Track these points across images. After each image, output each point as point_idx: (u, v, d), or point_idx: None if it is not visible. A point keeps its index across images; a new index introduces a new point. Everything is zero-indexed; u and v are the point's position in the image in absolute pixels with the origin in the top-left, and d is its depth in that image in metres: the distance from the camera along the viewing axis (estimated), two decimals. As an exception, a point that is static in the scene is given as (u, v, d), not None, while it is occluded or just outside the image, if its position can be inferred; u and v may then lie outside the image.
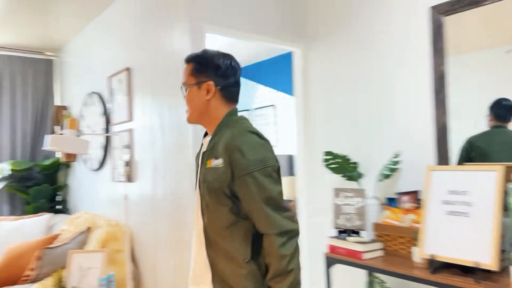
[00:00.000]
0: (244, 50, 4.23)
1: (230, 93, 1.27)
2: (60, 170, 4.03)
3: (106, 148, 3.16)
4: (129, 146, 2.79)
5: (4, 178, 3.83)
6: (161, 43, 2.46)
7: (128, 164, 2.78)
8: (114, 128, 3.04)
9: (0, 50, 3.95)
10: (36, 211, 3.67)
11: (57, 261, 2.52)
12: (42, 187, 3.74)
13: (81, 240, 2.71)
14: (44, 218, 3.49)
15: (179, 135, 2.29)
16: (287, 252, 1.12)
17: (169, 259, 2.38)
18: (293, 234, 1.15)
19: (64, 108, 3.92)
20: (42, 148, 2.32)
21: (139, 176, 2.70)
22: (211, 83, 1.23)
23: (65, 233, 2.96)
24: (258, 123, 4.73)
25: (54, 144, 2.11)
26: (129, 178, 2.77)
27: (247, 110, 4.90)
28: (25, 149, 4.04)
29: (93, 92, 3.35)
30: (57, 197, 4.04)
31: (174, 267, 2.33)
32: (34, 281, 2.43)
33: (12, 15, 3.25)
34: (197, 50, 2.19)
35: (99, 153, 3.23)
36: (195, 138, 2.19)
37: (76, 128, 2.25)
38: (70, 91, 4.01)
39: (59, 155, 4.19)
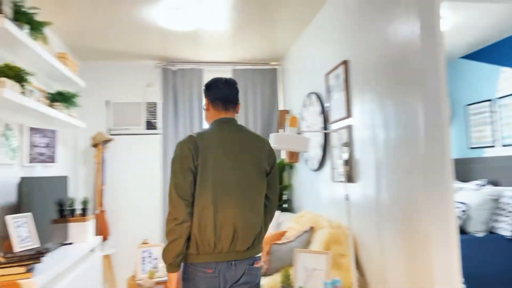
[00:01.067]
0: (481, 27, 3.45)
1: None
2: (285, 170, 4.27)
3: (325, 147, 3.11)
4: (348, 144, 2.63)
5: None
6: (381, 31, 2.20)
7: (347, 163, 2.62)
8: (332, 127, 2.94)
9: (237, 65, 4.54)
10: (267, 208, 3.98)
11: (284, 258, 2.58)
12: (271, 186, 4.03)
13: (305, 239, 2.71)
14: (274, 215, 3.74)
15: (407, 130, 1.96)
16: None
17: (402, 272, 2.06)
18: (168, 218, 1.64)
19: (287, 112, 4.14)
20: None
21: (360, 176, 2.49)
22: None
23: (291, 231, 3.04)
24: (504, 115, 3.77)
25: (277, 142, 2.15)
26: (349, 178, 2.60)
27: (488, 100, 3.98)
28: (256, 152, 4.48)
29: (311, 93, 3.37)
30: (283, 196, 4.29)
31: (410, 283, 2.00)
32: (265, 274, 2.55)
33: (243, 34, 3.65)
34: (429, 34, 1.82)
35: (318, 153, 3.20)
36: (426, 133, 1.82)
37: (296, 125, 2.23)
38: (291, 95, 4.22)
39: (283, 156, 4.47)
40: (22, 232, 2.25)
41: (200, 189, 1.64)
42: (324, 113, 3.11)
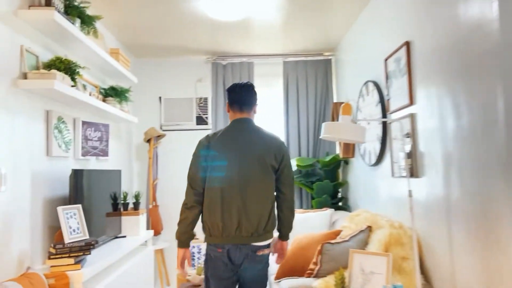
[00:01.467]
0: None
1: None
2: (339, 166, 4.03)
3: (384, 139, 2.84)
4: (410, 135, 2.36)
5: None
6: (450, 7, 1.92)
7: (410, 156, 2.35)
8: (392, 117, 2.67)
9: (288, 57, 4.37)
10: (320, 205, 3.77)
11: (338, 258, 2.37)
12: (324, 183, 3.82)
13: (362, 239, 2.48)
14: (327, 213, 3.52)
15: (483, 117, 1.68)
16: None
17: (475, 280, 1.78)
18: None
19: (341, 104, 3.89)
20: (320, 137, 2.23)
21: (425, 170, 2.22)
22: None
23: (346, 230, 2.82)
24: None
25: (329, 131, 1.96)
26: (413, 173, 2.33)
27: None
28: (308, 147, 4.28)
29: (368, 81, 3.11)
30: (338, 193, 4.05)
31: (482, 292, 1.71)
32: (316, 276, 2.37)
33: (294, 23, 3.47)
34: (509, 9, 1.53)
35: (376, 146, 2.94)
36: (507, 120, 1.53)
37: (350, 113, 2.02)
38: (345, 86, 3.97)
39: (338, 151, 4.22)
40: (73, 223, 2.27)
41: (210, 181, 1.96)
42: (383, 102, 2.84)
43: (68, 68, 2.35)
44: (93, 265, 2.24)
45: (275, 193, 2.05)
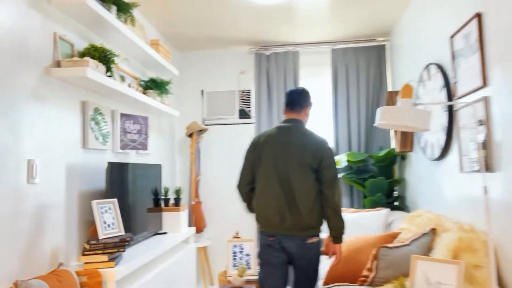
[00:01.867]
0: None
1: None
2: (395, 162, 3.67)
3: (450, 129, 2.47)
4: (484, 122, 2.00)
5: (342, 170, 3.87)
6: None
7: (484, 147, 1.99)
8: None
9: (337, 44, 4.06)
10: (373, 205, 3.44)
11: (397, 265, 2.07)
12: (378, 180, 3.49)
13: (425, 243, 2.15)
14: (382, 213, 3.20)
15: None
16: None
17: None
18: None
19: (396, 93, 3.53)
20: (374, 124, 1.95)
21: (503, 164, 1.86)
22: None
23: (405, 233, 2.50)
24: None
25: (387, 117, 1.67)
26: (487, 167, 1.97)
27: None
28: (360, 141, 3.95)
29: (430, 64, 2.75)
30: (394, 192, 3.70)
31: None
32: (371, 284, 2.08)
33: (344, 5, 3.18)
34: None
35: (440, 137, 2.58)
36: None
37: (411, 96, 1.72)
38: (401, 74, 3.59)
39: (393, 145, 3.85)
40: (108, 218, 2.16)
41: (257, 176, 2.19)
42: (448, 87, 2.48)
43: (103, 57, 2.25)
44: (128, 263, 2.12)
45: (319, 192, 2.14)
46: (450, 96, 2.46)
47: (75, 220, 2.22)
